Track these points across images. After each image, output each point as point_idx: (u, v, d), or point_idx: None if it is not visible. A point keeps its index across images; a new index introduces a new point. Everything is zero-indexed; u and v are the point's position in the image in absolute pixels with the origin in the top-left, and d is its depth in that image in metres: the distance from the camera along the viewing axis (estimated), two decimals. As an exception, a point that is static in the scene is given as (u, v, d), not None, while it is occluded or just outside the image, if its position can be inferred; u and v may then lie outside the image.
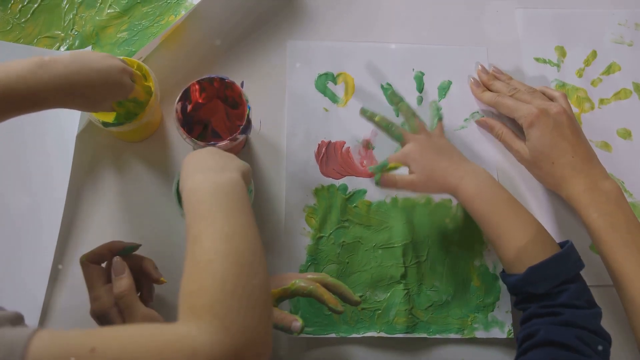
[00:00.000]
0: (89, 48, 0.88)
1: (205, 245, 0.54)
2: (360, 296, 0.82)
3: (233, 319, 0.50)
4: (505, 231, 0.75)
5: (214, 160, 0.64)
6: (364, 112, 0.84)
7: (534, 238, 0.74)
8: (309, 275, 0.73)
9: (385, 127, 0.83)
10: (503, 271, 0.77)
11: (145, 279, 0.76)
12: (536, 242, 0.73)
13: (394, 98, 0.86)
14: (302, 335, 0.79)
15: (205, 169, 0.62)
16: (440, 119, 0.85)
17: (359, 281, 0.82)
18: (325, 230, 0.84)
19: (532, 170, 0.85)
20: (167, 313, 0.78)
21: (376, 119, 0.83)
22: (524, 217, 0.76)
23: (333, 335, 0.80)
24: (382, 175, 0.80)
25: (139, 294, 0.74)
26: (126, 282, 0.71)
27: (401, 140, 0.83)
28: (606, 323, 0.81)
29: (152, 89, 0.80)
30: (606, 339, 0.69)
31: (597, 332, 0.69)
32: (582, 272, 0.83)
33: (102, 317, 0.71)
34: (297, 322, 0.70)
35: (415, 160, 0.81)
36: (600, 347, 0.68)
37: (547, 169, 0.81)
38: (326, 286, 0.73)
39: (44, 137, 0.85)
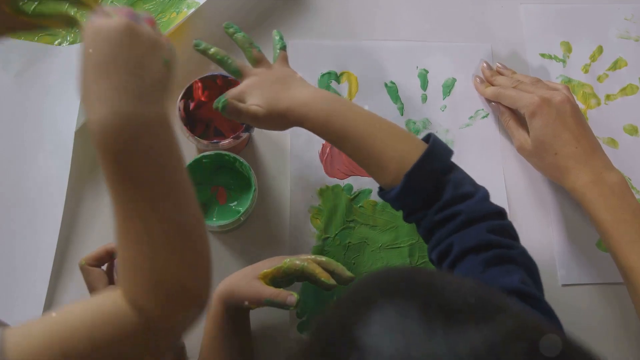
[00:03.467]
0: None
1: (143, 227, 0.49)
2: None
3: (173, 305, 0.49)
4: (371, 146, 0.68)
5: (123, 60, 0.49)
6: (197, 46, 0.74)
7: (403, 143, 0.68)
8: (302, 256, 0.73)
9: (220, 60, 0.74)
10: (380, 189, 0.71)
11: None
12: (405, 146, 0.67)
13: (228, 30, 0.77)
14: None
15: (116, 83, 0.48)
16: (282, 47, 0.77)
17: (365, 282, 0.81)
18: (330, 231, 0.83)
19: (534, 161, 0.84)
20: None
21: (211, 51, 0.74)
22: (386, 125, 0.70)
23: (339, 336, 0.80)
24: (228, 102, 0.70)
25: None
26: None
27: (239, 75, 0.75)
28: (614, 322, 0.82)
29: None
30: (505, 214, 0.67)
31: (499, 214, 0.67)
32: (588, 273, 0.84)
33: None
34: (292, 297, 0.69)
35: (252, 92, 0.72)
36: (512, 231, 0.66)
37: (550, 160, 0.80)
38: (318, 264, 0.73)
39: (41, 134, 0.84)
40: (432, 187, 0.66)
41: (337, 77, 0.90)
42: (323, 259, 0.73)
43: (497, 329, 0.37)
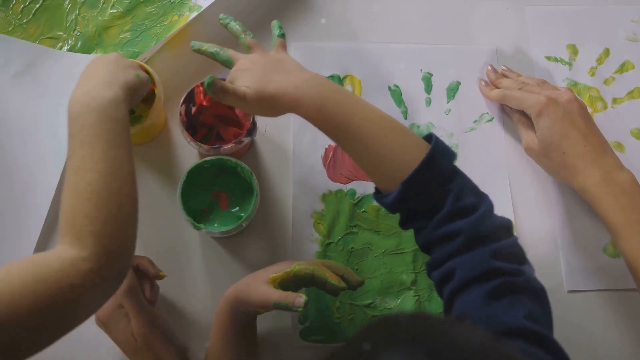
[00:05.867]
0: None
1: (88, 178, 0.58)
2: (370, 303, 0.80)
3: (111, 244, 0.56)
4: (368, 140, 0.64)
5: (105, 71, 0.66)
6: (193, 47, 0.75)
7: (403, 142, 0.64)
8: (311, 261, 0.72)
9: (212, 53, 0.74)
10: (376, 191, 0.67)
11: (145, 278, 0.75)
12: (405, 146, 0.64)
13: (222, 21, 0.77)
14: (312, 344, 0.78)
15: (93, 83, 0.63)
16: (280, 35, 0.74)
17: (368, 288, 0.81)
18: (333, 236, 0.83)
19: (542, 162, 0.83)
20: (171, 313, 0.78)
21: (204, 47, 0.74)
22: (386, 122, 0.66)
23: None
24: (214, 80, 0.65)
25: None
26: (127, 282, 0.71)
27: (230, 62, 0.73)
28: (620, 328, 0.81)
29: (156, 91, 0.78)
30: (510, 229, 0.64)
31: (504, 229, 0.63)
32: (594, 279, 0.83)
33: (107, 322, 0.71)
34: (301, 298, 0.67)
35: (242, 75, 0.69)
36: (517, 250, 0.63)
37: (558, 160, 0.79)
38: (328, 268, 0.71)
39: (36, 135, 0.84)
40: (432, 196, 0.63)
41: (340, 80, 0.89)
42: (332, 263, 0.72)
43: None
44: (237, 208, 0.79)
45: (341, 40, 0.92)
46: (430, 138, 0.65)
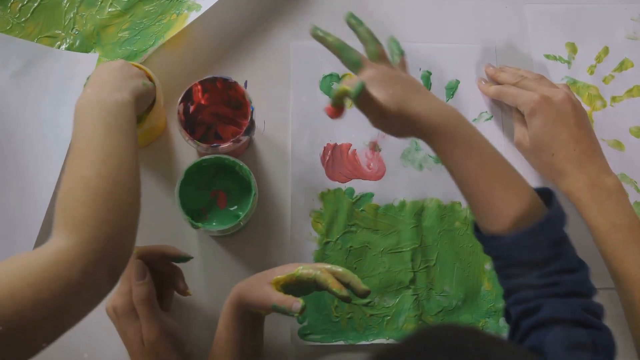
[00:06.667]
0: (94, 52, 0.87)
1: (85, 163, 0.57)
2: (369, 302, 0.80)
3: (105, 230, 0.54)
4: (489, 184, 0.64)
5: (113, 76, 0.67)
6: (314, 30, 0.71)
7: (522, 192, 0.64)
8: (318, 265, 0.70)
9: (340, 48, 0.71)
10: (477, 230, 0.67)
11: (169, 288, 0.75)
12: (524, 197, 0.64)
13: (350, 20, 0.73)
14: (310, 343, 0.78)
15: (100, 84, 0.65)
16: (402, 53, 0.73)
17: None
18: (332, 235, 0.82)
19: (531, 160, 0.83)
20: (182, 318, 0.78)
21: (329, 39, 0.71)
22: (506, 165, 0.66)
23: (341, 342, 0.79)
24: (364, 86, 0.61)
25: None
26: (145, 289, 0.71)
27: (358, 66, 0.70)
28: (613, 327, 0.80)
29: (156, 94, 0.78)
30: (594, 294, 0.65)
31: (593, 293, 0.65)
32: (594, 280, 0.82)
33: (120, 317, 0.71)
34: (298, 303, 0.66)
35: (375, 85, 0.66)
36: (601, 313, 0.64)
37: (547, 160, 0.79)
38: (334, 275, 0.70)
39: (36, 133, 0.84)
40: (539, 252, 0.63)
41: (339, 79, 0.89)
42: (339, 269, 0.69)
43: None
44: (235, 207, 0.79)
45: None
46: (549, 194, 0.66)
